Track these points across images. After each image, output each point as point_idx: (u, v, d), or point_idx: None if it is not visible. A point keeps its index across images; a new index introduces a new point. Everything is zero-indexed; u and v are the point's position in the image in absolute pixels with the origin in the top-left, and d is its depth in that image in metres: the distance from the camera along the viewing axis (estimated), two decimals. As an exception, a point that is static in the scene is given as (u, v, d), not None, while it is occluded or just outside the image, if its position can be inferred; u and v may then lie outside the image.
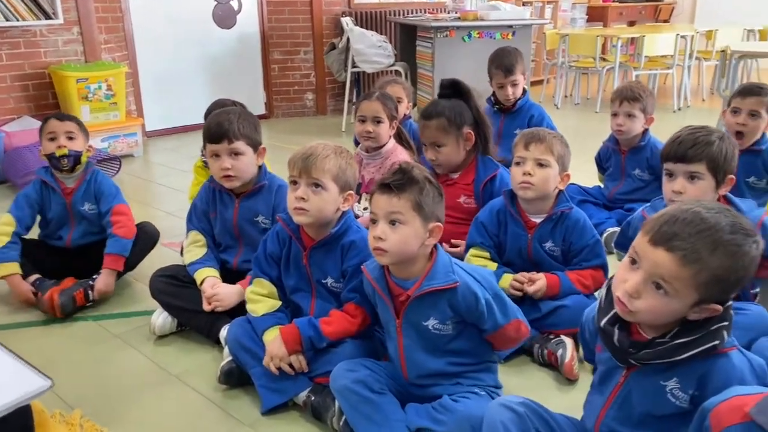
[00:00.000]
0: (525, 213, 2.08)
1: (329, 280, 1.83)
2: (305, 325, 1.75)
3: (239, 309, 2.03)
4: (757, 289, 2.15)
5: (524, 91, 3.28)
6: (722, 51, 4.78)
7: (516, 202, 2.09)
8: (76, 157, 2.43)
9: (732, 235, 1.12)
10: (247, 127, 2.11)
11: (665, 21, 9.46)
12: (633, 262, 1.18)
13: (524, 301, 1.99)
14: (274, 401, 1.75)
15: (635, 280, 1.16)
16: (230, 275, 2.16)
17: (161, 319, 2.17)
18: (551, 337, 1.96)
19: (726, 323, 1.17)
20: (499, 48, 3.36)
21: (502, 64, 3.17)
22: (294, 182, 1.75)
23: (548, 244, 2.06)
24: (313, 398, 1.73)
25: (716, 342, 1.15)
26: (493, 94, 3.30)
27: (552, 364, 1.93)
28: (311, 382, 1.76)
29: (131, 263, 2.50)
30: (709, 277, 1.12)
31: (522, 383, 1.86)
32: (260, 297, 1.88)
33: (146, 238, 2.54)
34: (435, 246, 1.56)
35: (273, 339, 1.76)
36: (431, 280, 1.52)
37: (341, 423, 1.62)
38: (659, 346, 1.19)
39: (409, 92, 3.25)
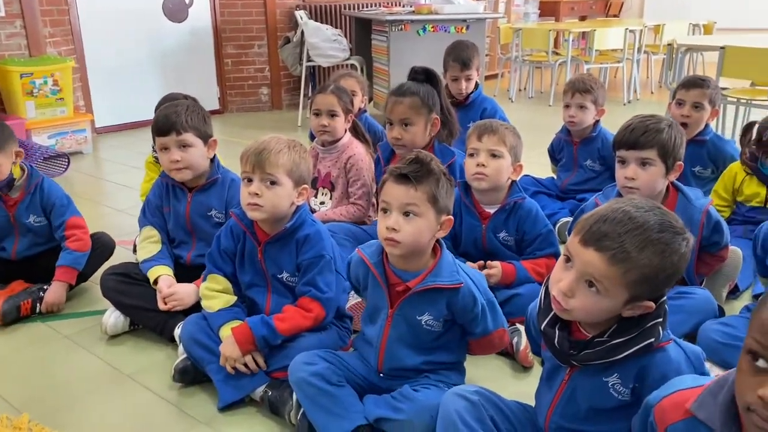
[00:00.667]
0: (479, 204, 2.10)
1: (284, 275, 1.81)
2: (258, 324, 1.72)
3: (193, 306, 2.01)
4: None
5: (477, 85, 3.30)
6: (669, 45, 4.91)
7: (470, 193, 2.11)
8: (9, 181, 2.25)
9: (660, 233, 1.13)
10: (196, 118, 2.08)
11: (615, 16, 9.67)
12: (567, 260, 1.19)
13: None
14: (232, 396, 1.73)
15: (569, 279, 1.17)
16: (184, 271, 2.13)
17: (113, 318, 2.11)
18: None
19: (660, 320, 1.19)
20: (456, 41, 3.37)
21: (460, 57, 3.18)
22: (248, 178, 1.73)
23: (502, 234, 2.10)
24: (270, 393, 1.71)
25: (651, 340, 1.18)
26: (446, 87, 3.31)
27: (508, 353, 1.95)
28: (268, 377, 1.75)
29: (85, 274, 2.39)
30: (638, 276, 1.13)
31: (479, 372, 1.87)
32: (215, 293, 1.85)
33: (102, 249, 2.43)
34: (438, 242, 1.56)
35: (225, 339, 1.74)
36: (436, 277, 1.51)
37: (299, 417, 1.61)
38: (598, 346, 1.20)
39: (364, 86, 3.24)
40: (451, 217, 1.53)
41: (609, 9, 9.69)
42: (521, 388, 1.74)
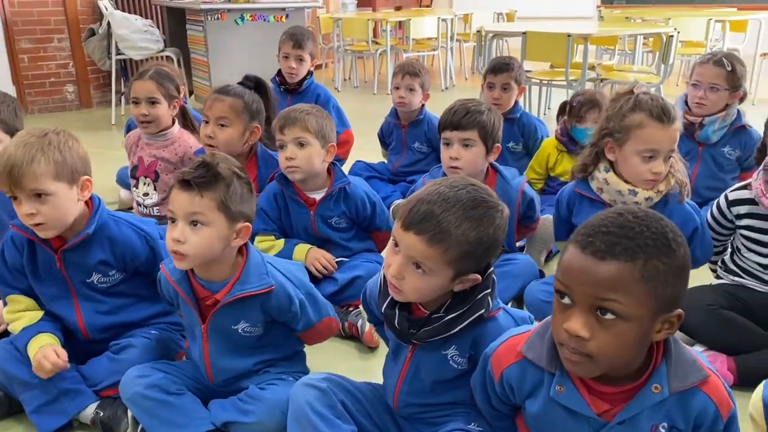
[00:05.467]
0: (302, 192, 2.07)
1: (95, 277, 1.62)
2: None
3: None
4: (524, 243, 2.40)
5: (310, 73, 3.29)
6: (478, 32, 5.23)
7: (291, 183, 2.06)
8: None
9: (473, 210, 1.18)
10: (5, 111, 1.89)
11: (427, 6, 10.13)
12: (396, 245, 1.22)
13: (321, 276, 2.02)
14: (52, 425, 1.54)
15: (398, 262, 1.20)
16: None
17: None
18: (350, 309, 2.00)
19: (489, 290, 1.25)
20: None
21: (293, 35, 3.18)
22: (14, 197, 1.49)
23: (333, 219, 2.09)
24: (101, 414, 1.56)
25: (482, 311, 1.23)
26: (279, 73, 3.26)
27: (354, 335, 1.96)
28: (97, 396, 1.59)
29: None
30: (458, 252, 1.17)
31: (326, 359, 1.86)
32: (19, 313, 1.63)
33: None
34: (246, 244, 1.46)
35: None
36: (244, 284, 1.43)
37: (137, 433, 1.48)
38: (435, 322, 1.24)
39: (180, 75, 3.07)
40: (249, 224, 1.44)
41: (421, -1, 10.13)
42: (369, 369, 1.76)
